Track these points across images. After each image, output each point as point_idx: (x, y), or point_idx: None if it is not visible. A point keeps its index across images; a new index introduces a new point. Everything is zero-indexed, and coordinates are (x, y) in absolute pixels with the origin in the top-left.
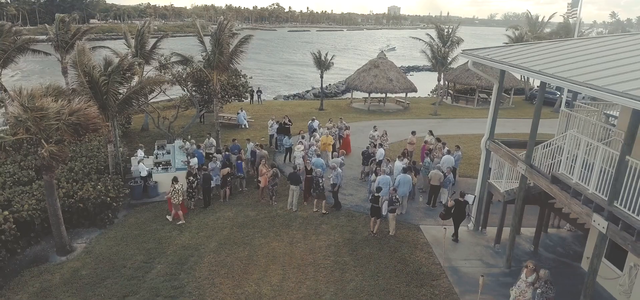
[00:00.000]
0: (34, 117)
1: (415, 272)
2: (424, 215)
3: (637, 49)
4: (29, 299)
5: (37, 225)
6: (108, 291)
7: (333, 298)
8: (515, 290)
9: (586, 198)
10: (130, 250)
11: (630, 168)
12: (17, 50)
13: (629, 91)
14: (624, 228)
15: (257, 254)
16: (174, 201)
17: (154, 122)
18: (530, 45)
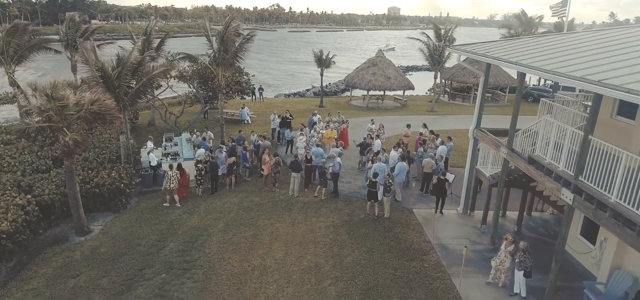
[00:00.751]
0: (57, 107)
1: (407, 248)
2: (417, 200)
3: (613, 43)
4: (54, 271)
5: (57, 208)
6: (126, 265)
7: (331, 270)
8: (496, 260)
9: (557, 175)
10: (144, 231)
11: (593, 147)
12: (31, 48)
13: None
14: (586, 199)
15: (261, 234)
16: (169, 186)
17: (161, 117)
18: (515, 40)
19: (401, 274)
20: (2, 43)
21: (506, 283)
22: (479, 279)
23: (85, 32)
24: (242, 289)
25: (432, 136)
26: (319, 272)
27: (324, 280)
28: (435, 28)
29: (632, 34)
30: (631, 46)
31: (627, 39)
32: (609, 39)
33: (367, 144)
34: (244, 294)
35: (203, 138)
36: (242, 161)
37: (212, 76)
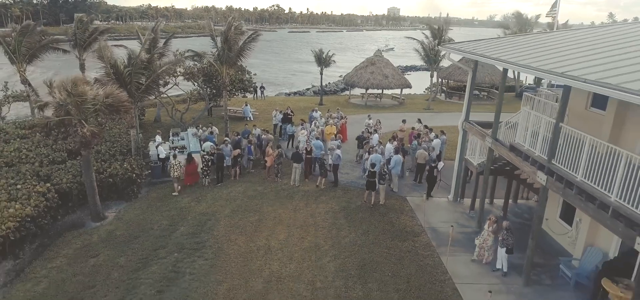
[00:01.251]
0: (76, 101)
1: (400, 231)
2: (411, 189)
3: (586, 41)
4: (74, 252)
5: (74, 196)
6: (141, 246)
7: (330, 249)
8: (479, 238)
9: (533, 159)
10: (155, 217)
11: (563, 133)
12: (42, 47)
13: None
14: (557, 179)
15: (265, 218)
16: (172, 174)
17: (168, 113)
18: (501, 39)
19: (394, 253)
20: (14, 42)
21: (489, 260)
22: (464, 257)
23: (93, 32)
24: (248, 265)
25: (426, 130)
26: (319, 251)
27: (324, 258)
28: (431, 28)
29: (607, 32)
30: (603, 43)
31: (602, 37)
32: (585, 37)
33: (365, 138)
34: (250, 269)
35: (210, 132)
36: (246, 154)
37: (217, 74)
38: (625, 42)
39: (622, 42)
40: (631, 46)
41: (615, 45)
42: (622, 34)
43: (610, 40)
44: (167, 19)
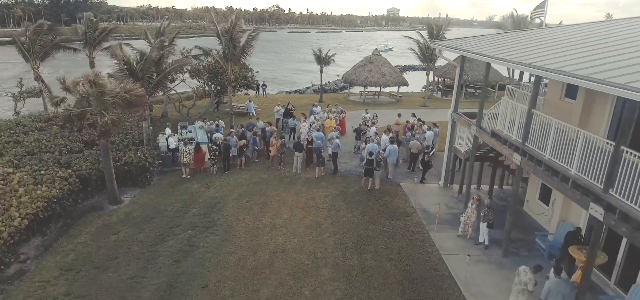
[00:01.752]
0: (97, 93)
1: (394, 211)
2: (404, 176)
3: (563, 37)
4: (97, 230)
5: (93, 181)
6: (157, 225)
7: (330, 226)
8: (464, 216)
9: (510, 143)
10: (168, 201)
11: (535, 119)
12: (54, 46)
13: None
14: (529, 158)
15: (270, 201)
16: (182, 159)
17: (175, 108)
18: (490, 36)
19: (387, 230)
20: (28, 41)
21: (473, 235)
22: (451, 233)
23: (102, 31)
24: (255, 240)
25: (419, 123)
26: (319, 228)
27: (324, 234)
28: (428, 28)
29: (589, 30)
30: (579, 40)
31: (579, 34)
32: (563, 35)
33: (362, 130)
34: (257, 243)
35: (216, 125)
36: (251, 144)
37: (222, 71)
38: (601, 38)
39: (598, 39)
40: (604, 43)
41: (591, 41)
42: (599, 32)
43: (589, 37)
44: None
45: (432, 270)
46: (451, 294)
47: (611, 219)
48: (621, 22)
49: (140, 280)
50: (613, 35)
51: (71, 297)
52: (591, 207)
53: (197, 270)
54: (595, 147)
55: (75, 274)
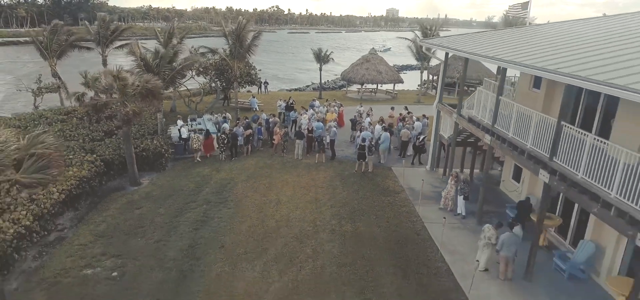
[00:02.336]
0: (120, 86)
1: (384, 190)
2: (395, 162)
3: (540, 35)
4: (122, 206)
5: (115, 165)
6: (175, 202)
7: (328, 201)
8: (444, 191)
9: (483, 126)
10: (183, 182)
11: (502, 104)
12: (70, 45)
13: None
14: (498, 138)
15: (275, 182)
16: (193, 145)
17: (185, 103)
18: (473, 34)
19: (378, 204)
20: (46, 40)
21: (452, 207)
22: (434, 207)
23: (114, 31)
24: (263, 212)
25: (410, 114)
26: (319, 203)
27: (322, 207)
28: (422, 28)
29: (570, 28)
30: (551, 37)
31: (556, 32)
32: (541, 32)
33: (357, 121)
34: (265, 214)
35: (224, 117)
36: (256, 134)
37: (227, 68)
38: (577, 37)
39: (574, 37)
40: (577, 40)
41: (557, 38)
42: (578, 30)
43: (557, 35)
44: (168, 20)
45: (415, 235)
46: (430, 251)
47: (554, 181)
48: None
49: (165, 243)
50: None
51: (107, 256)
52: (541, 173)
53: (213, 235)
54: (545, 125)
55: (108, 239)
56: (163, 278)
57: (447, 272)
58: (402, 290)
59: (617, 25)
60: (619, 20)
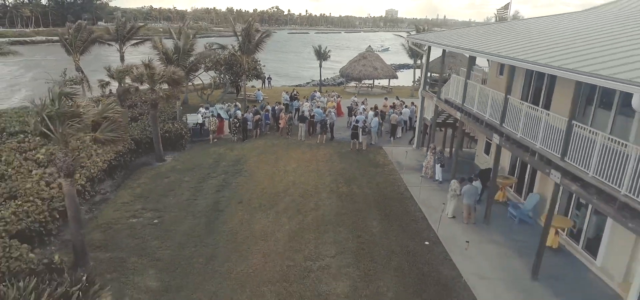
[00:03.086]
0: (149, 74)
1: (375, 163)
2: (386, 142)
3: (512, 30)
4: (151, 177)
5: (143, 144)
6: (197, 173)
7: (327, 172)
8: (425, 161)
9: (455, 105)
10: (202, 158)
11: (469, 86)
12: (92, 41)
13: (464, 45)
14: (467, 115)
15: (282, 157)
16: (211, 127)
17: (198, 95)
18: (454, 31)
19: (369, 173)
20: (71, 38)
21: (431, 175)
22: (416, 175)
23: (130, 30)
24: (273, 179)
25: (400, 102)
26: (319, 172)
27: (323, 175)
28: (417, 28)
29: (542, 24)
30: (517, 31)
31: (522, 27)
32: (514, 27)
33: (353, 109)
34: (274, 180)
35: (235, 105)
36: (264, 120)
37: (236, 63)
38: (547, 32)
39: (545, 31)
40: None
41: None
42: (551, 25)
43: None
44: (170, 20)
45: (399, 194)
46: (410, 206)
47: (503, 142)
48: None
49: (193, 201)
50: (538, 28)
51: (147, 210)
52: (494, 137)
53: (233, 195)
54: (498, 100)
55: (145, 199)
56: (195, 223)
57: (423, 219)
58: (386, 230)
59: (569, 21)
60: (574, 17)
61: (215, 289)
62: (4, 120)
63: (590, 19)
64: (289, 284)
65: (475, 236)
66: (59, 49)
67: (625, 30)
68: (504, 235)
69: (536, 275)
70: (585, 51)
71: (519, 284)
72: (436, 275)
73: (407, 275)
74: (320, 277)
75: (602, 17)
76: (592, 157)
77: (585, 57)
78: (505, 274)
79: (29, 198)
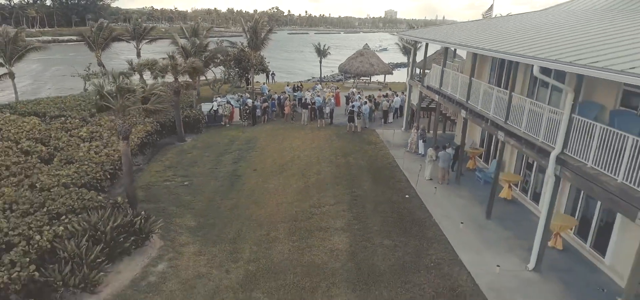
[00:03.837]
0: (173, 64)
1: (368, 141)
2: (379, 126)
3: (491, 26)
4: (176, 153)
5: (166, 127)
6: (215, 150)
7: (327, 147)
8: (410, 138)
9: (435, 89)
10: (218, 139)
11: (445, 73)
12: (112, 39)
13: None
14: (444, 97)
15: (287, 137)
16: (225, 113)
17: (210, 87)
18: (438, 27)
19: (363, 148)
20: (93, 35)
21: (415, 150)
22: (402, 150)
23: (144, 30)
24: (281, 153)
25: (392, 92)
26: (320, 148)
27: (323, 150)
28: (409, 27)
29: (522, 20)
30: (490, 28)
31: (496, 25)
32: (493, 24)
33: (350, 98)
34: (282, 155)
35: (245, 96)
36: (270, 108)
37: (246, 58)
38: (510, 27)
39: (509, 27)
40: (520, 31)
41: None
42: (525, 22)
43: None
44: (171, 21)
45: (387, 164)
46: (396, 172)
47: (469, 116)
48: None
49: (215, 169)
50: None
51: (177, 176)
52: (461, 112)
53: (248, 165)
54: (465, 83)
55: (174, 168)
56: (219, 185)
57: (405, 181)
58: (374, 188)
59: (533, 18)
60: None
61: (239, 226)
62: (43, 106)
63: (543, 17)
64: (297, 222)
65: (446, 192)
66: (67, 48)
67: (569, 23)
68: (470, 192)
69: (489, 216)
70: (530, 41)
71: (475, 221)
72: (412, 216)
73: (390, 216)
74: (322, 218)
75: (556, 15)
76: (523, 118)
77: (531, 46)
78: (466, 216)
79: (84, 162)
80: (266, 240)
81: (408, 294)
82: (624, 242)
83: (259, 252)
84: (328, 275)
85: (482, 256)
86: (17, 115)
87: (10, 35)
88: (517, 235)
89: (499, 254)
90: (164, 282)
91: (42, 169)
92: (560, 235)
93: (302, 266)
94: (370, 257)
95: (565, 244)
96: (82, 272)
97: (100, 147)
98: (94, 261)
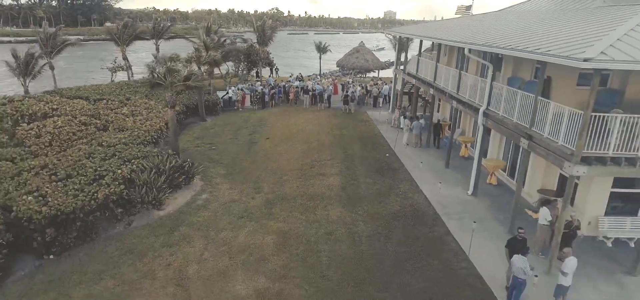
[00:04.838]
0: (197, 56)
1: (360, 120)
2: (369, 108)
3: (474, 23)
4: (200, 129)
5: (190, 110)
6: (232, 126)
7: (326, 124)
8: (393, 116)
9: (413, 75)
10: (234, 119)
11: (420, 61)
12: (136, 36)
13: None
14: (421, 81)
15: (292, 117)
16: (237, 98)
17: (223, 80)
18: (420, 24)
19: (355, 125)
20: (119, 32)
21: (397, 125)
22: (387, 126)
23: (163, 28)
24: (288, 128)
25: (381, 82)
26: (320, 124)
27: (322, 126)
28: (401, 25)
29: (499, 18)
30: (466, 24)
31: (489, 21)
32: (476, 21)
33: (345, 86)
34: (289, 129)
35: (256, 84)
36: (277, 94)
37: (255, 53)
38: (497, 25)
39: (500, 24)
40: (499, 27)
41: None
42: (502, 19)
43: (476, 22)
44: (173, 21)
45: (374, 134)
46: (381, 140)
47: (437, 94)
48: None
49: (234, 139)
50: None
51: (204, 143)
52: (430, 90)
53: (261, 135)
54: (432, 66)
55: (201, 138)
56: (239, 148)
57: (387, 145)
58: (362, 150)
59: (490, 17)
60: (494, 14)
61: (259, 174)
62: (84, 92)
63: (498, 16)
64: (302, 171)
65: (418, 152)
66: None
67: (511, 20)
68: (437, 152)
69: (447, 165)
70: (478, 33)
71: (435, 168)
72: (389, 166)
73: (372, 166)
74: (321, 168)
75: (507, 14)
76: (467, 87)
77: (475, 36)
78: (429, 166)
79: (134, 130)
80: (279, 181)
81: (381, 207)
82: (534, 177)
83: (275, 187)
84: (325, 199)
85: (436, 187)
86: (66, 98)
87: (50, 32)
88: (465, 177)
89: (449, 187)
90: (209, 204)
91: (102, 135)
92: (495, 173)
93: (307, 195)
94: (356, 189)
95: (500, 182)
96: (153, 193)
97: (143, 121)
98: (160, 187)
